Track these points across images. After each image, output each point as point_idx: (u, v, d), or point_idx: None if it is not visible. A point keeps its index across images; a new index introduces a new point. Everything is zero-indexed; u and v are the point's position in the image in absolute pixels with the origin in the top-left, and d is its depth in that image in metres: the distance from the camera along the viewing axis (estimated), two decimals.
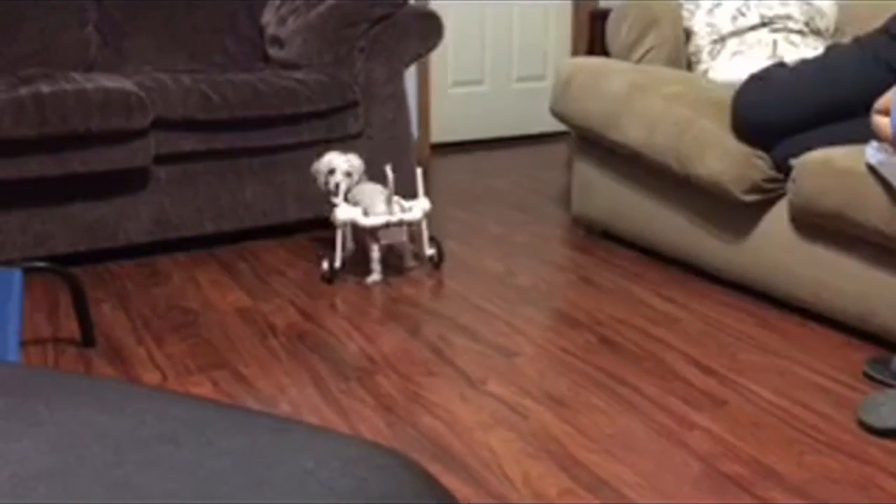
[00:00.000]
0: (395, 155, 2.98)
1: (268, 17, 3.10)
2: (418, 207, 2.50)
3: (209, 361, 1.99)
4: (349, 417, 1.75)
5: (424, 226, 2.56)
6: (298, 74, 2.78)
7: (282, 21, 3.00)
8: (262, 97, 2.64)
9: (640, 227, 2.65)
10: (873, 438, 1.64)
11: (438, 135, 4.20)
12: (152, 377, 1.91)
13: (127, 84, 2.50)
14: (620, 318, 2.23)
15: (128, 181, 2.57)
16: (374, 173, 2.95)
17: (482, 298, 2.37)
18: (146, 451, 0.80)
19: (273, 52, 3.03)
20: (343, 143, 2.87)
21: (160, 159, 2.58)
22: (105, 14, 2.96)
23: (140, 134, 2.49)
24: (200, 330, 2.16)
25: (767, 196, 2.20)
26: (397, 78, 2.95)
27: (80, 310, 2.04)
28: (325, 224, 2.93)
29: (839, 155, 2.00)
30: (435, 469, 1.56)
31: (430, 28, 2.95)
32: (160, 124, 2.53)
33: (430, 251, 2.59)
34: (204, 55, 3.05)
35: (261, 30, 3.13)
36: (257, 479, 0.75)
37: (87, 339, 2.05)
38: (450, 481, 1.52)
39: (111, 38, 2.96)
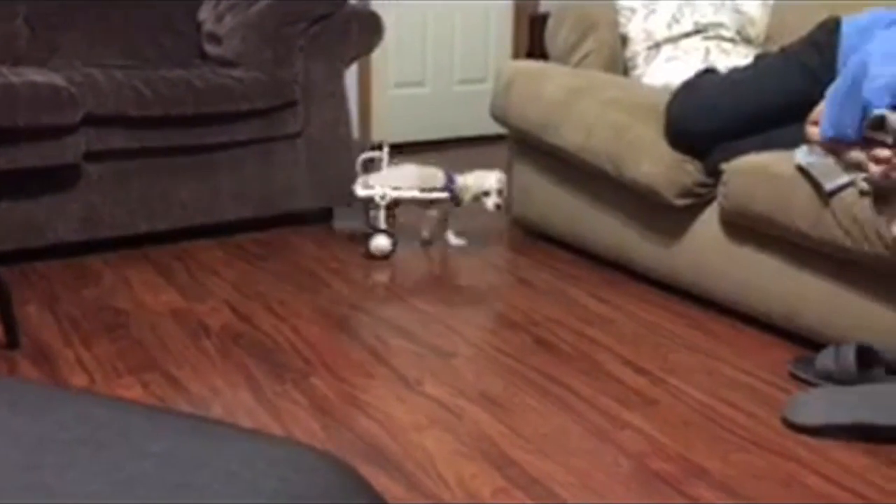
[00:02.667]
0: (335, 155, 2.96)
1: (205, 14, 3.05)
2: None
3: (139, 363, 1.94)
4: (283, 420, 1.73)
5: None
6: (236, 72, 2.74)
7: (219, 17, 2.96)
8: (197, 94, 2.60)
9: (577, 229, 2.68)
10: (797, 436, 1.69)
11: (380, 136, 4.19)
12: (80, 380, 1.86)
13: (56, 78, 2.43)
14: (556, 319, 2.26)
15: (57, 178, 2.50)
16: (311, 167, 2.93)
17: (420, 300, 2.37)
18: (65, 454, 0.78)
19: (210, 48, 2.98)
20: (282, 142, 2.84)
21: (91, 156, 2.51)
22: (35, 7, 2.87)
23: (70, 130, 2.43)
24: (131, 331, 2.11)
25: (699, 200, 2.25)
26: (337, 77, 2.94)
27: (5, 310, 1.97)
28: (264, 224, 2.90)
29: (767, 160, 2.06)
30: (369, 470, 1.56)
31: (370, 28, 2.94)
32: (91, 120, 2.46)
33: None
34: (138, 51, 2.98)
35: (198, 26, 3.08)
36: (180, 481, 0.73)
37: (12, 340, 1.99)
38: (384, 482, 1.52)
39: (41, 32, 2.88)
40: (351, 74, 3.73)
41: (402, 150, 4.21)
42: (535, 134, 2.69)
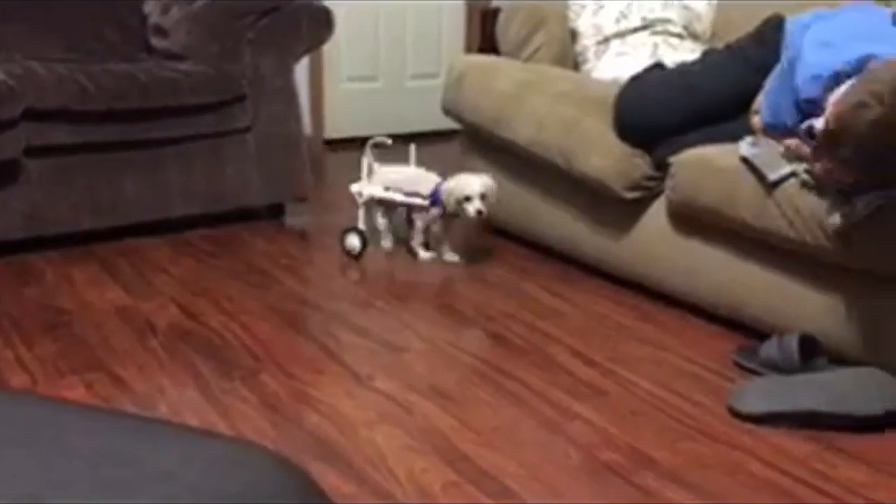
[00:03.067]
0: (285, 150, 2.93)
1: (150, 6, 2.99)
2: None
3: (83, 363, 1.90)
4: (231, 418, 1.70)
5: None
6: (183, 66, 2.70)
7: (165, 9, 2.90)
8: (142, 88, 2.54)
9: (529, 223, 2.69)
10: (742, 424, 1.72)
11: (333, 131, 4.16)
12: (20, 380, 1.81)
13: None
14: (509, 312, 2.26)
15: None
16: (262, 162, 2.90)
17: (372, 295, 2.36)
18: None
19: (156, 42, 2.92)
20: (231, 137, 2.80)
21: (32, 151, 2.45)
22: None
23: (9, 124, 2.36)
24: (74, 330, 2.06)
25: (648, 193, 2.27)
26: (287, 72, 2.90)
27: None
28: (214, 220, 2.85)
29: (713, 153, 2.09)
30: (319, 467, 1.54)
31: (320, 22, 2.91)
32: (31, 114, 2.40)
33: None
34: (81, 44, 2.91)
35: (143, 18, 3.01)
36: (112, 480, 0.72)
37: None
38: (334, 479, 1.51)
39: None
40: (302, 69, 3.69)
41: (358, 146, 4.18)
42: (486, 128, 2.69)
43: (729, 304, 2.12)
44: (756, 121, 2.02)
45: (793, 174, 1.88)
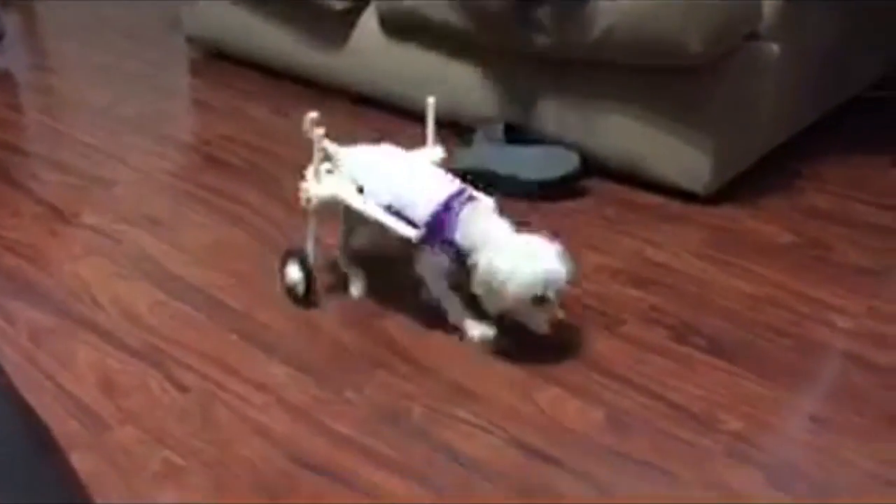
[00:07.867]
0: None
1: None
2: None
3: None
4: None
5: None
6: None
7: None
8: None
9: (252, 44, 2.59)
10: None
11: None
12: None
13: None
14: (230, 136, 2.21)
15: None
16: None
17: (82, 132, 2.21)
18: None
19: None
20: None
21: None
22: None
23: None
24: None
25: (358, 2, 2.25)
26: None
27: None
28: None
29: None
30: (16, 305, 1.49)
31: None
32: None
33: None
34: None
35: None
36: None
37: None
38: (31, 315, 1.46)
39: None
40: None
41: None
42: None
43: (447, 105, 2.18)
44: None
45: None
